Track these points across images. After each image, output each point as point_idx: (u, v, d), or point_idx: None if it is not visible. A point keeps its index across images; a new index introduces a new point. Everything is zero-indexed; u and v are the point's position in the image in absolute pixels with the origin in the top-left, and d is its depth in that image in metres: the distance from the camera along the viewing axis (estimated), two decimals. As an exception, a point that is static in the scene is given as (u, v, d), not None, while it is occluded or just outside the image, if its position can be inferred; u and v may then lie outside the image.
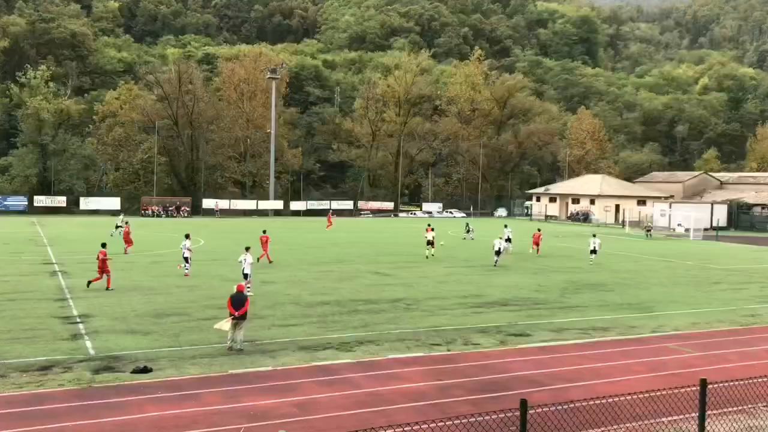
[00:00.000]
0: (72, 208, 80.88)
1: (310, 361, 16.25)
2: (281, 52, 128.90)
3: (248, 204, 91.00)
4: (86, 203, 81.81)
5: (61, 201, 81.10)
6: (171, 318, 20.76)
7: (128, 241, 38.90)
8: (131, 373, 14.88)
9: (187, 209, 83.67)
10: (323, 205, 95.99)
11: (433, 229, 40.46)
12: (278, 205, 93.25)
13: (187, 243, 29.49)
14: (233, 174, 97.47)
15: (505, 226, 46.33)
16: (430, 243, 39.57)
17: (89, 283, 25.60)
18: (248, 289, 22.70)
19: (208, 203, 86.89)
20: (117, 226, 48.36)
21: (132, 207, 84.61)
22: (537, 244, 43.77)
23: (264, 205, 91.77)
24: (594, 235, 40.35)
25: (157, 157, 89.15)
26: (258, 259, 32.48)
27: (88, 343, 17.39)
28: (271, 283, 27.93)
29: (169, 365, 15.58)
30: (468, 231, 54.53)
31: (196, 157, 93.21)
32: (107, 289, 25.28)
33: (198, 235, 52.14)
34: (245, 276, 25.25)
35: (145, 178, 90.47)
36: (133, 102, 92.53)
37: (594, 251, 39.77)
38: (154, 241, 47.37)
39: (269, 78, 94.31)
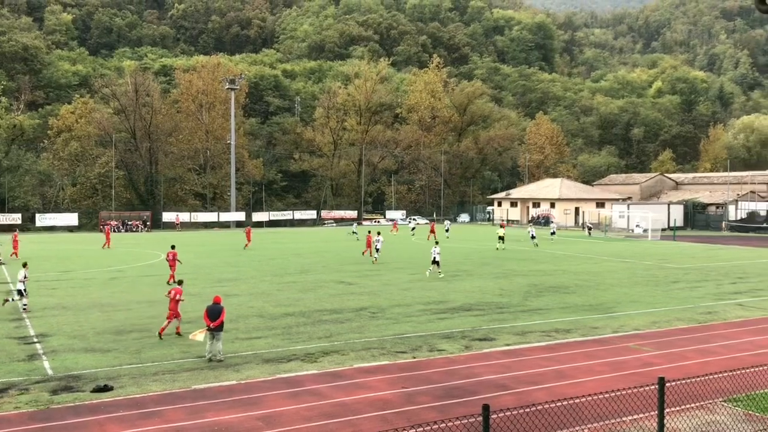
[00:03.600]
0: (28, 225, 79.03)
1: (274, 373, 16.13)
2: (239, 63, 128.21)
3: (209, 216, 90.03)
4: (42, 220, 79.99)
5: (16, 218, 79.07)
6: (132, 334, 20.41)
7: (249, 237, 53.16)
8: (91, 392, 14.57)
9: (139, 223, 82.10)
10: (286, 215, 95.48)
11: (504, 227, 52.56)
12: (240, 216, 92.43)
13: (380, 238, 40.09)
14: (193, 186, 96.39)
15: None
16: (501, 238, 50.02)
17: (168, 282, 29.80)
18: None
19: (168, 216, 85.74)
20: (353, 232, 64.40)
21: (90, 222, 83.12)
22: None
23: (226, 216, 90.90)
24: (535, 223, 49.80)
25: (115, 171, 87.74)
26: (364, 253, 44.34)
27: (46, 363, 16.98)
28: (234, 296, 27.64)
29: (131, 383, 15.30)
30: (446, 231, 64.89)
31: (155, 170, 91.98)
32: (168, 283, 29.66)
33: (158, 248, 51.42)
34: (377, 250, 41.40)
35: (103, 192, 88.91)
36: (89, 116, 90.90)
37: (553, 233, 57.70)
38: (113, 256, 46.54)
39: (228, 89, 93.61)
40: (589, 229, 71.93)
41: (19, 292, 24.25)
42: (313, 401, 13.95)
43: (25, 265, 25.33)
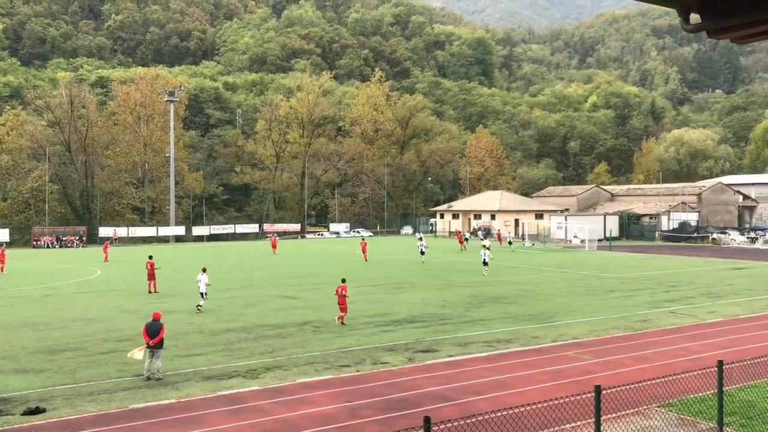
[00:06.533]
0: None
1: (215, 390, 15.83)
2: (179, 75, 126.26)
3: (148, 231, 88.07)
4: (-30, 236, 76.79)
5: (-58, 234, 75.81)
6: (66, 354, 19.75)
7: (275, 245, 59.60)
8: (22, 415, 14.02)
9: (75, 239, 79.69)
10: (227, 229, 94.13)
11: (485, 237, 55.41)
12: (180, 230, 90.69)
13: (488, 252, 41.75)
14: (131, 200, 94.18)
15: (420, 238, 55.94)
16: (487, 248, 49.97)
17: (150, 292, 32.05)
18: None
19: (105, 231, 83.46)
20: (419, 238, 57.84)
21: (22, 238, 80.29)
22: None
23: (165, 231, 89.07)
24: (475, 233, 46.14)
25: (48, 185, 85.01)
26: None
27: (-27, 386, 16.27)
28: (173, 312, 27.04)
29: (65, 404, 14.79)
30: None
31: (91, 184, 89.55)
32: (149, 292, 32.55)
33: (94, 264, 50.01)
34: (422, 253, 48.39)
35: (37, 207, 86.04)
36: (21, 128, 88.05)
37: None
38: (46, 273, 45.01)
39: (167, 101, 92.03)
40: (510, 242, 69.07)
41: (202, 295, 27.87)
42: (255, 418, 13.76)
43: (204, 270, 28.84)
